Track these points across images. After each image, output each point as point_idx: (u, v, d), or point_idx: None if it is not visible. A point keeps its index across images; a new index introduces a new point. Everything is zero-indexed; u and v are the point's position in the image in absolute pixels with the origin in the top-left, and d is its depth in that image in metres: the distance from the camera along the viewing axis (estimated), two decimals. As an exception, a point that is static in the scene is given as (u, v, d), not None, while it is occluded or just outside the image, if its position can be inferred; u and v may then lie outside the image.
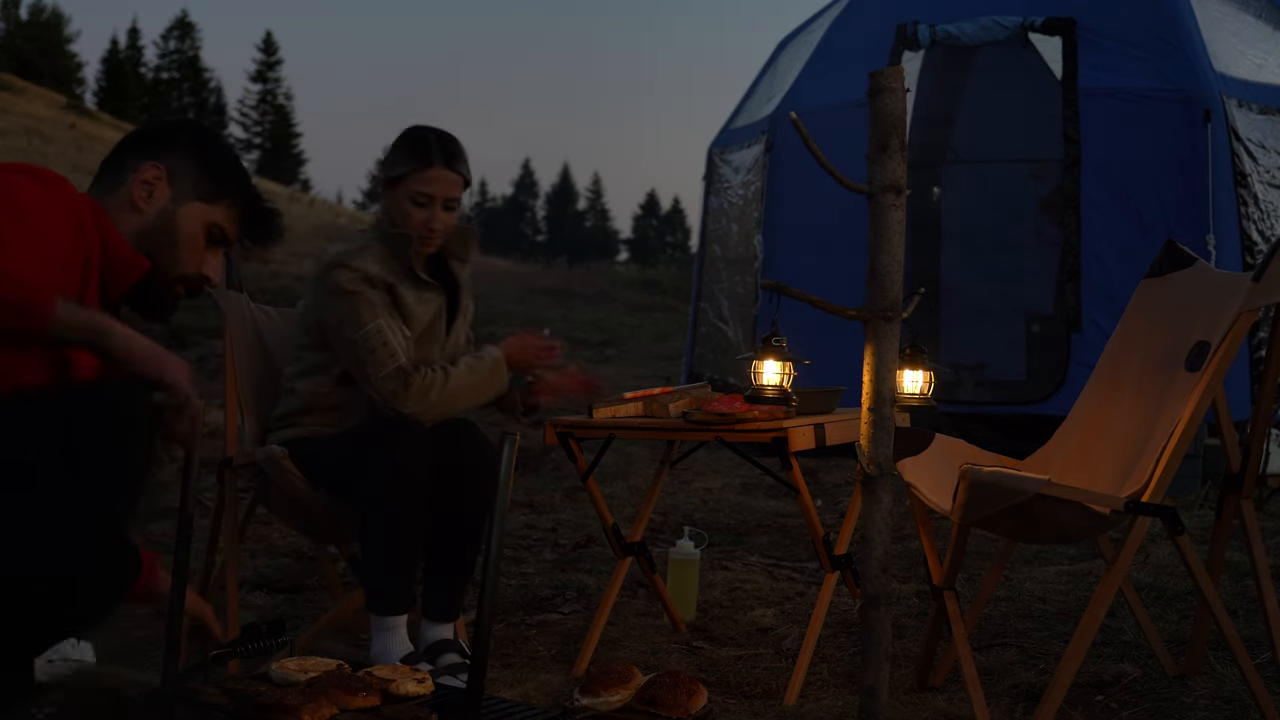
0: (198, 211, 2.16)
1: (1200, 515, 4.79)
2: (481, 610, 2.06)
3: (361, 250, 3.12)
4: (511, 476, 2.12)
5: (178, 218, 2.15)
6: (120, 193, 2.14)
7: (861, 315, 2.48)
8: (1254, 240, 6.09)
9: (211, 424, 5.83)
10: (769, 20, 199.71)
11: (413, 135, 3.17)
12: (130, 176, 2.14)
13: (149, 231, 2.12)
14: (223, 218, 2.20)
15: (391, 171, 3.14)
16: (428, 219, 3.12)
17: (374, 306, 3.07)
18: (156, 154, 2.16)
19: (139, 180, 2.13)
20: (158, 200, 2.13)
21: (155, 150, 2.17)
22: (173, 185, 2.15)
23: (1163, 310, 2.96)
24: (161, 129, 2.23)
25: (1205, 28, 6.36)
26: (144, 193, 2.13)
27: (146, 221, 2.13)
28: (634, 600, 3.87)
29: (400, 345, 3.06)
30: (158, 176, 2.14)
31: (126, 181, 2.14)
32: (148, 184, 2.13)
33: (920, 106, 7.13)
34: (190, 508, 2.22)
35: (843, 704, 2.90)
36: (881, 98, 2.43)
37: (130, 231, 2.10)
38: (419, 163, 3.10)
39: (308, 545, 4.30)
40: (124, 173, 2.15)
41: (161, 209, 2.13)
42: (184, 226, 2.15)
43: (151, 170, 2.14)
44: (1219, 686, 2.92)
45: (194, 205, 2.16)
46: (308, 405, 3.19)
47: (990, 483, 2.55)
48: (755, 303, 7.17)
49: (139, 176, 2.13)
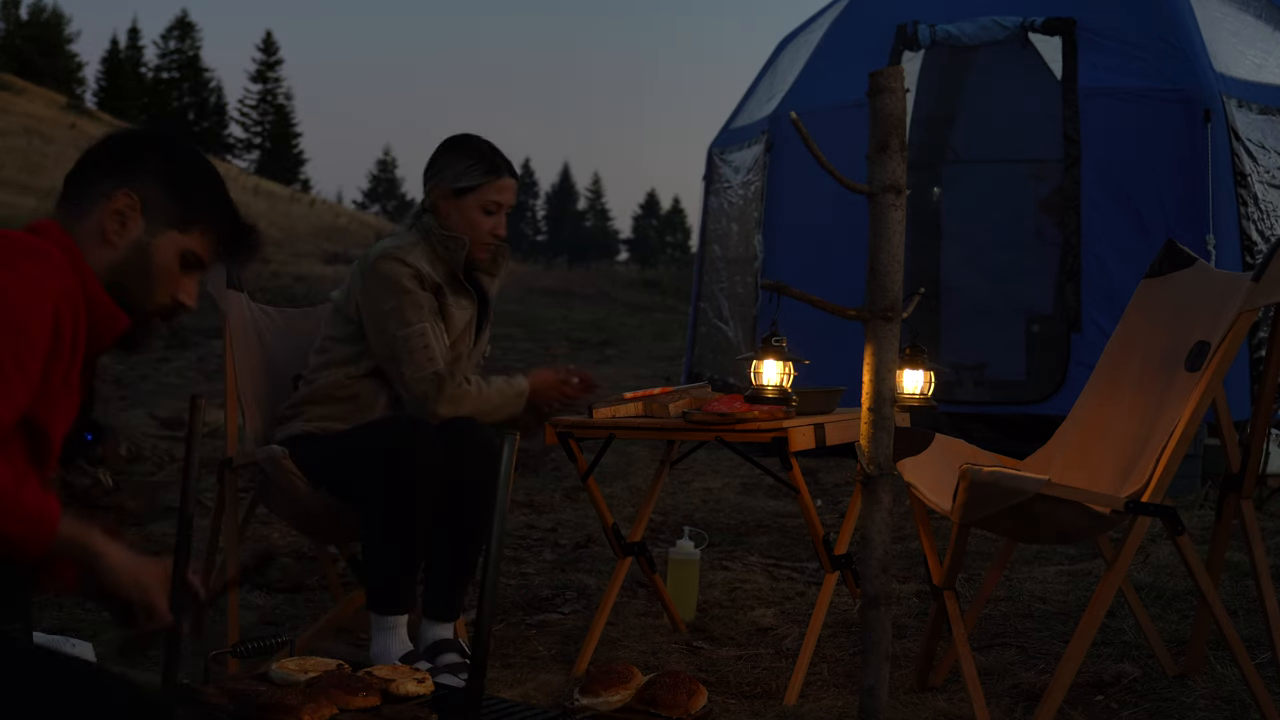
0: (172, 242, 1.98)
1: (1200, 515, 4.79)
2: (481, 610, 2.05)
3: (413, 246, 3.17)
4: (511, 476, 2.12)
5: (152, 250, 1.96)
6: (89, 222, 1.94)
7: (861, 315, 2.48)
8: (1254, 240, 6.09)
9: (212, 424, 5.83)
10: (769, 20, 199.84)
11: (472, 146, 3.24)
12: (100, 204, 1.94)
13: (121, 266, 1.94)
14: (198, 244, 2.02)
15: (460, 182, 3.18)
16: (495, 226, 3.21)
17: (421, 309, 3.11)
18: (127, 176, 1.96)
19: (110, 210, 1.94)
20: (130, 232, 1.95)
21: (125, 172, 1.97)
22: (146, 215, 1.96)
23: (1163, 310, 2.96)
24: (129, 145, 2.02)
25: (1205, 28, 6.36)
26: (116, 224, 1.94)
27: (118, 256, 1.94)
28: (634, 600, 3.87)
29: (440, 351, 3.11)
30: (130, 206, 1.94)
31: (96, 209, 1.94)
32: (120, 214, 1.94)
33: (920, 106, 7.13)
34: (190, 508, 2.21)
35: (843, 704, 2.90)
36: (881, 98, 2.43)
37: (101, 266, 1.93)
38: (492, 173, 3.19)
39: (308, 545, 4.30)
40: (93, 198, 1.95)
41: (134, 241, 1.95)
42: (158, 259, 1.97)
43: (123, 199, 1.94)
44: (1219, 686, 2.92)
45: (168, 235, 1.98)
46: (324, 395, 3.19)
47: (990, 483, 2.55)
48: (755, 303, 7.17)
49: (110, 206, 1.93)
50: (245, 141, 68.82)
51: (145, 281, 1.97)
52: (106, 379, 9.91)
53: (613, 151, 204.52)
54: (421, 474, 2.92)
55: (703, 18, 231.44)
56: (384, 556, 2.95)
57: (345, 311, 3.21)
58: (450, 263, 3.19)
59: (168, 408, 8.01)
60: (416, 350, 3.07)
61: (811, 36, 7.65)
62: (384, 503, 2.92)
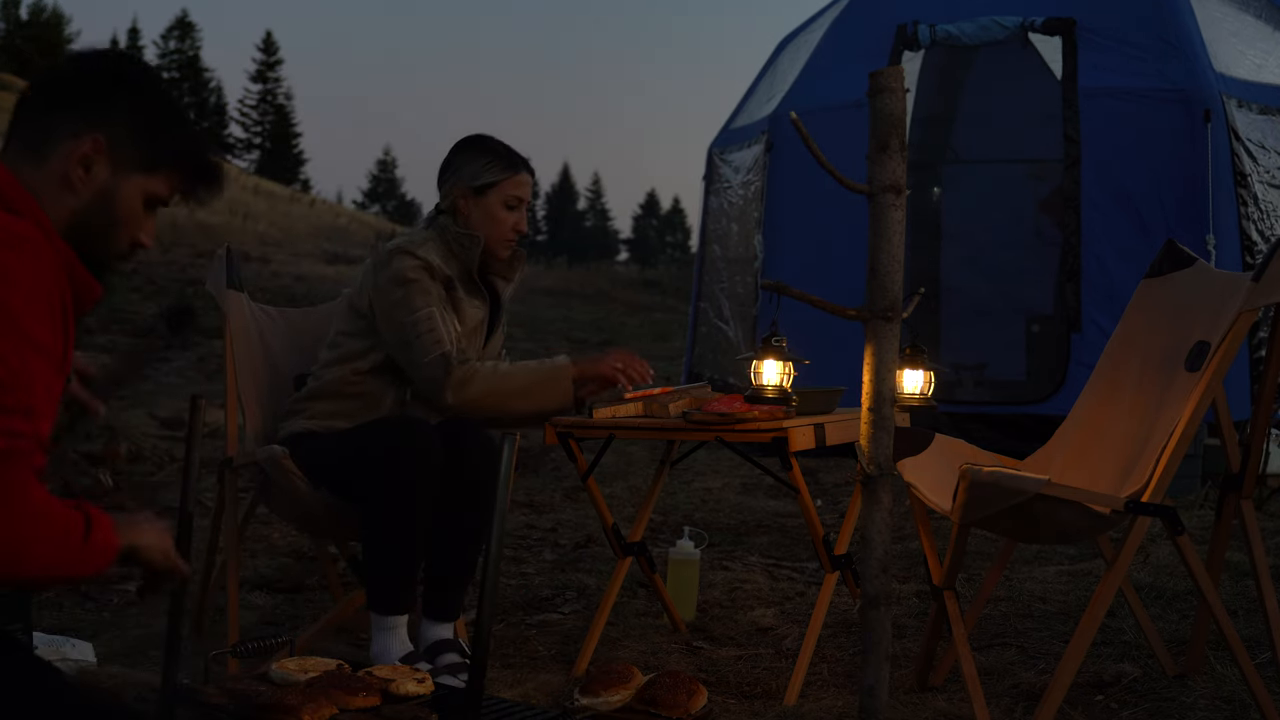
0: (137, 185, 1.83)
1: (1200, 515, 4.79)
2: (481, 610, 2.05)
3: (425, 241, 3.17)
4: (511, 476, 2.12)
5: (118, 195, 1.81)
6: (49, 168, 1.78)
7: (861, 315, 2.48)
8: (1254, 240, 6.09)
9: (212, 424, 5.83)
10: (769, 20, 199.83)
11: (487, 145, 3.27)
12: (61, 147, 1.78)
13: (85, 213, 1.79)
14: (162, 185, 1.86)
15: (480, 180, 3.20)
16: (517, 222, 3.22)
17: (429, 295, 3.11)
18: (93, 117, 1.79)
19: (76, 156, 1.77)
20: (97, 178, 1.79)
21: (89, 112, 1.79)
22: (111, 158, 1.80)
23: (1163, 310, 2.96)
24: (95, 81, 1.83)
25: (1205, 28, 6.36)
26: (82, 170, 1.78)
27: (82, 203, 1.79)
28: (634, 600, 3.87)
29: (449, 335, 3.09)
30: (97, 150, 1.78)
31: (57, 153, 1.78)
32: (86, 160, 1.78)
33: (920, 106, 7.13)
34: (190, 508, 2.21)
35: (843, 704, 2.90)
36: (881, 98, 2.43)
37: (63, 214, 1.78)
38: (511, 169, 3.22)
39: (308, 545, 4.30)
40: (52, 140, 1.78)
41: (100, 187, 1.80)
42: (123, 204, 1.82)
43: (90, 144, 1.78)
44: (1219, 686, 2.92)
45: (134, 179, 1.83)
46: (331, 391, 3.19)
47: (990, 483, 2.55)
48: (755, 303, 7.17)
49: (76, 150, 1.77)
50: (245, 141, 68.81)
51: (110, 228, 1.84)
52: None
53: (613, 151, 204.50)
54: (421, 474, 2.92)
55: (702, 18, 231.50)
56: (384, 557, 2.95)
57: (358, 306, 3.22)
58: (464, 261, 3.19)
59: (168, 408, 8.01)
60: (424, 334, 3.06)
61: (811, 36, 7.64)
62: (384, 503, 2.92)
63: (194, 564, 2.92)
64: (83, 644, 3.19)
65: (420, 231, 3.24)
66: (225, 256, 3.57)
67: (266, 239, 24.66)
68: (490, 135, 3.31)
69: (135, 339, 2.90)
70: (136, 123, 1.83)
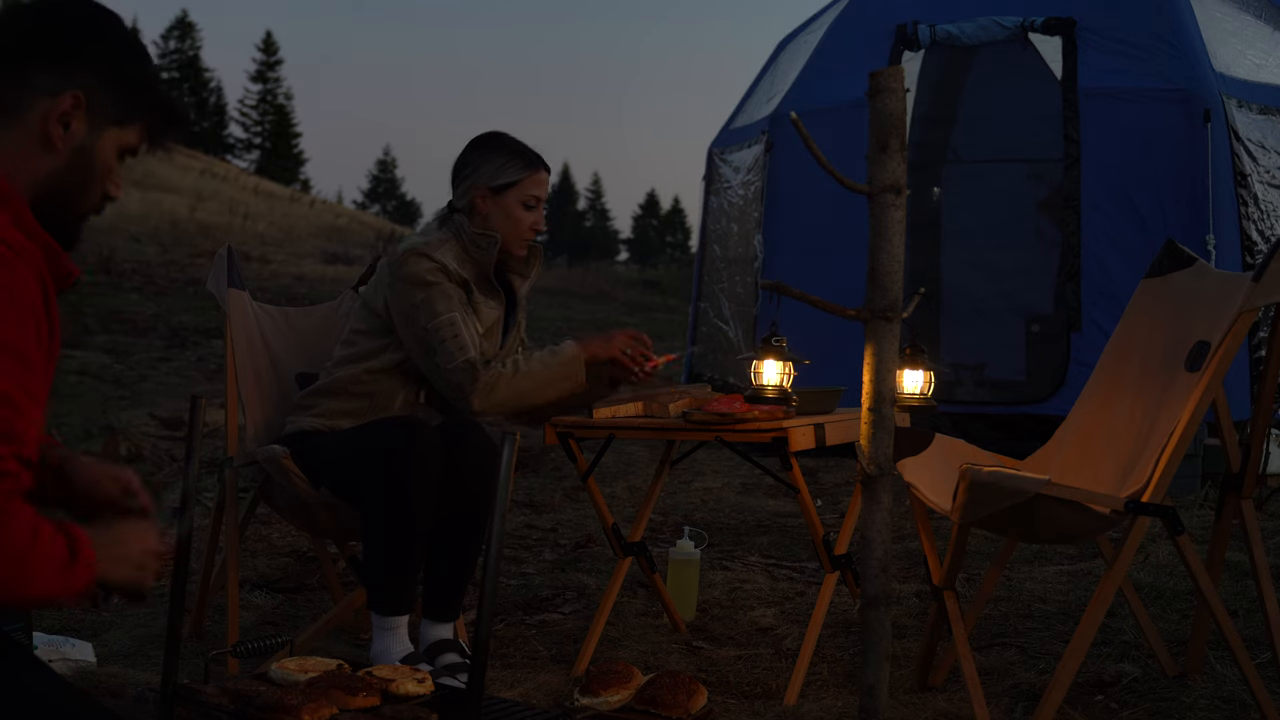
0: (112, 139, 1.78)
1: (1200, 515, 4.79)
2: (481, 610, 2.05)
3: (442, 243, 3.16)
4: (511, 476, 2.12)
5: (96, 152, 1.77)
6: (26, 124, 1.72)
7: (861, 315, 2.48)
8: (1254, 240, 6.09)
9: (212, 424, 5.83)
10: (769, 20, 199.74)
11: (504, 143, 3.26)
12: (37, 103, 1.71)
13: (63, 172, 1.75)
14: (134, 137, 1.81)
15: (499, 179, 3.19)
16: (535, 221, 3.22)
17: (450, 299, 3.09)
18: (68, 73, 1.73)
19: (54, 115, 1.71)
20: (75, 136, 1.74)
21: (65, 66, 1.73)
22: (89, 114, 1.74)
23: (1163, 310, 2.96)
24: (73, 33, 1.76)
25: (1205, 28, 6.36)
26: (61, 129, 1.72)
27: (61, 162, 1.74)
28: (634, 600, 3.87)
29: (472, 339, 3.08)
30: (76, 107, 1.73)
31: (34, 110, 1.71)
32: (65, 117, 1.72)
33: (920, 106, 7.13)
34: (190, 508, 2.21)
35: (843, 704, 2.90)
36: (881, 98, 2.43)
37: (40, 175, 1.72)
38: (530, 168, 3.21)
39: (308, 545, 4.30)
40: (26, 96, 1.71)
41: (78, 145, 1.75)
42: (100, 159, 1.78)
43: (70, 100, 1.72)
44: (1219, 686, 2.92)
45: (109, 133, 1.78)
46: (340, 389, 3.18)
47: (990, 483, 2.55)
48: (755, 303, 7.17)
49: (54, 109, 1.71)
50: (245, 141, 68.78)
51: (87, 184, 1.79)
52: (106, 379, 9.91)
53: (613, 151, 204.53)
54: (418, 474, 2.92)
55: (702, 18, 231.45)
56: (383, 557, 2.95)
57: (372, 305, 3.21)
58: (481, 262, 3.18)
59: (168, 408, 8.01)
60: (447, 339, 3.05)
61: (811, 37, 7.64)
62: (382, 503, 2.91)
63: (194, 564, 2.92)
64: (83, 644, 3.19)
65: (435, 232, 3.21)
66: (226, 256, 3.57)
67: (266, 239, 24.65)
68: (505, 133, 3.29)
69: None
70: (111, 77, 1.78)
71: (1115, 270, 6.06)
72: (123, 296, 14.81)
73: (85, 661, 3.11)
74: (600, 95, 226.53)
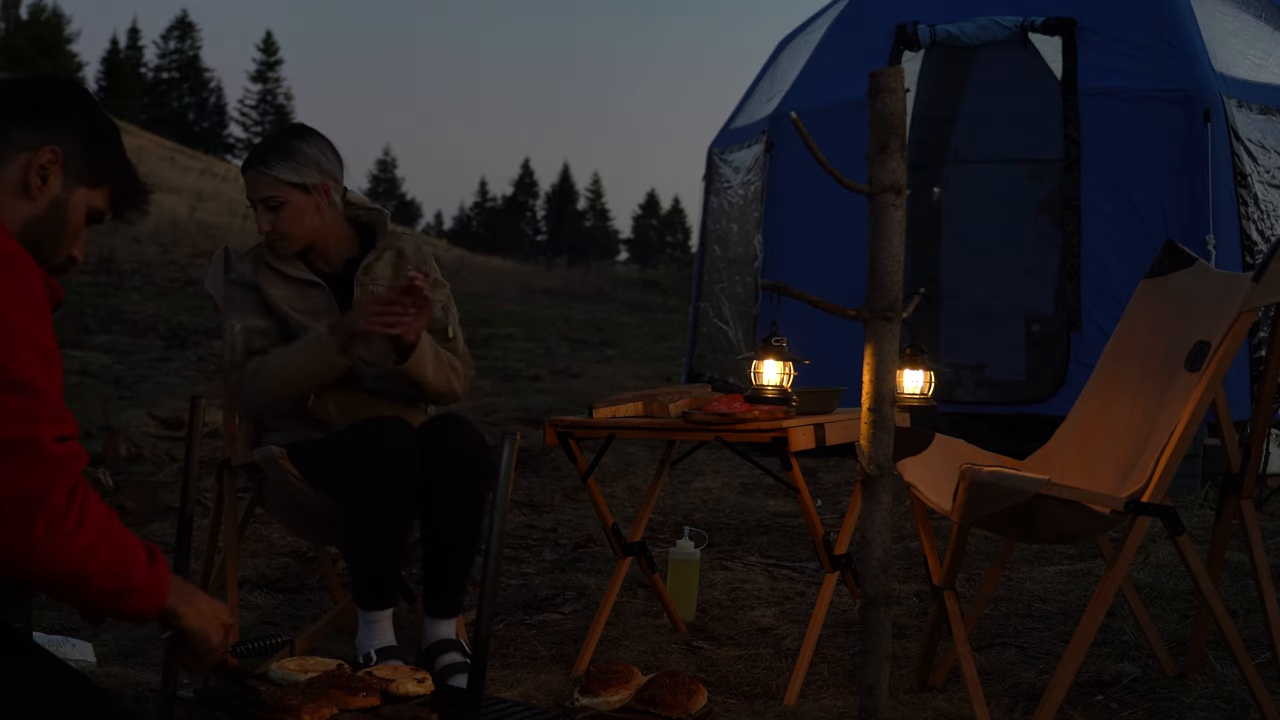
0: (83, 198, 1.97)
1: (1200, 515, 4.79)
2: (481, 610, 2.06)
3: (247, 254, 3.26)
4: (511, 476, 2.12)
5: (68, 207, 1.94)
6: (7, 174, 1.90)
7: (861, 315, 2.48)
8: (1254, 240, 6.09)
9: (212, 424, 5.83)
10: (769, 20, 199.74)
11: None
12: (19, 156, 1.90)
13: (39, 222, 1.92)
14: (102, 200, 2.00)
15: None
16: (262, 221, 3.16)
17: (232, 303, 3.19)
18: (49, 130, 1.93)
19: (35, 166, 1.90)
20: (51, 189, 1.92)
21: (47, 125, 1.93)
22: (65, 170, 1.93)
23: (1163, 310, 2.96)
24: (51, 99, 1.98)
25: (1205, 28, 6.36)
26: (39, 180, 1.90)
27: (38, 211, 1.91)
28: (634, 600, 3.87)
29: (238, 342, 3.13)
30: (53, 162, 1.91)
31: (15, 161, 1.90)
32: (43, 170, 1.91)
33: (920, 106, 7.13)
34: (190, 508, 2.21)
35: (843, 704, 2.90)
36: (881, 98, 2.43)
37: (19, 221, 1.89)
38: (242, 169, 3.20)
39: (308, 545, 4.30)
40: (9, 149, 1.90)
41: (54, 197, 1.93)
42: (72, 216, 1.95)
43: (48, 154, 1.91)
44: (1219, 686, 2.92)
45: (80, 191, 1.96)
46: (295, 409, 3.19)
47: (990, 483, 2.55)
48: (755, 303, 7.17)
49: (35, 161, 1.90)
50: (245, 141, 68.80)
51: (58, 238, 1.96)
52: (106, 379, 9.91)
53: (613, 151, 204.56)
54: (389, 472, 2.91)
55: (702, 18, 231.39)
56: (364, 552, 2.96)
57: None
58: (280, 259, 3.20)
59: (168, 408, 8.01)
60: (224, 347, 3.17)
61: (811, 37, 7.64)
62: (353, 500, 2.93)
63: (194, 564, 2.92)
64: (83, 644, 3.19)
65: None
66: (223, 256, 3.57)
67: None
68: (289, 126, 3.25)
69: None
70: (87, 138, 1.97)
71: (1115, 270, 6.06)
72: (123, 296, 14.81)
73: (85, 661, 3.11)
74: (600, 95, 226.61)
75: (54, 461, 1.66)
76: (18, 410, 1.65)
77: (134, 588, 1.75)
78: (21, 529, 1.63)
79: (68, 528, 1.66)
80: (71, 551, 1.66)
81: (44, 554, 1.65)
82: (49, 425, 1.67)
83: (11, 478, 1.63)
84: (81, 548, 1.67)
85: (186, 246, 20.29)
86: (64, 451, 1.67)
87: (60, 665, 1.87)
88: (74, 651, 3.12)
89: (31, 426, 1.65)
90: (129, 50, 68.77)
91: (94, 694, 1.85)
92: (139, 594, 1.76)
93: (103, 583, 1.71)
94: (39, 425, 1.65)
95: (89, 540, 1.68)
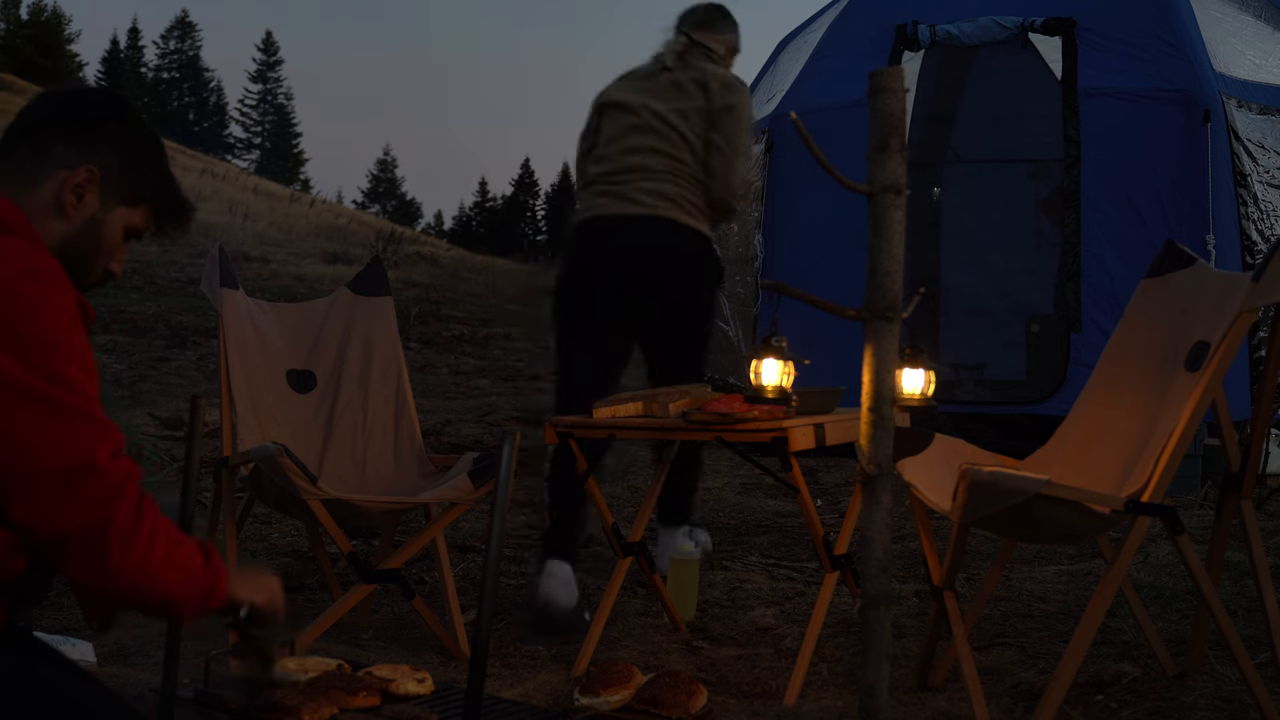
0: (121, 216, 1.93)
1: (1200, 515, 4.79)
2: (481, 610, 2.05)
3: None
4: (511, 477, 2.12)
5: (105, 226, 1.91)
6: (43, 192, 1.86)
7: (861, 315, 2.47)
8: (1254, 240, 6.09)
9: (212, 423, 5.82)
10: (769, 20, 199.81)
11: None
12: (57, 174, 1.86)
13: (74, 239, 1.89)
14: (141, 219, 1.97)
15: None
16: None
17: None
18: (87, 148, 1.88)
19: (71, 184, 1.86)
20: (87, 207, 1.88)
21: (84, 142, 1.89)
22: (102, 189, 1.89)
23: (1163, 310, 2.96)
24: (89, 114, 1.93)
25: (1205, 28, 6.36)
26: (74, 198, 1.87)
27: (73, 229, 1.88)
28: (634, 600, 3.87)
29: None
30: (90, 180, 1.88)
31: (52, 179, 1.86)
32: (80, 189, 1.87)
33: (920, 106, 7.13)
34: (190, 508, 2.21)
35: (843, 704, 2.90)
36: (881, 98, 2.43)
37: (53, 238, 1.86)
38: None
39: (307, 545, 4.30)
40: (47, 165, 1.87)
41: (90, 216, 1.89)
42: (108, 234, 1.92)
43: (85, 173, 1.87)
44: (1219, 686, 2.92)
45: (118, 210, 1.92)
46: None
47: (990, 483, 2.55)
48: (755, 303, 7.17)
49: (71, 179, 1.86)
50: (245, 141, 68.85)
51: (93, 256, 1.93)
52: (106, 379, 9.91)
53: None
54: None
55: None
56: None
57: None
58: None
59: (168, 408, 8.01)
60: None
61: (811, 36, 7.64)
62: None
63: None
64: (83, 644, 3.19)
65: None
66: (218, 255, 3.57)
67: (266, 239, 24.63)
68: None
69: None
70: (126, 156, 1.93)
71: (1115, 270, 6.06)
72: (123, 296, 14.81)
73: (85, 661, 3.11)
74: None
75: (114, 484, 1.66)
76: (74, 434, 1.65)
77: (207, 586, 1.76)
78: (97, 558, 1.64)
79: (140, 547, 1.66)
80: (149, 567, 1.67)
81: (123, 576, 1.65)
82: (102, 444, 1.67)
83: (76, 509, 1.63)
84: (158, 561, 1.68)
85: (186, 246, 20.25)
86: (122, 470, 1.67)
87: (67, 663, 1.87)
88: (74, 651, 3.12)
89: (87, 451, 1.65)
90: (129, 50, 68.83)
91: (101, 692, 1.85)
92: (212, 590, 1.77)
93: (180, 590, 1.72)
94: (94, 447, 1.66)
95: (164, 553, 1.69)
